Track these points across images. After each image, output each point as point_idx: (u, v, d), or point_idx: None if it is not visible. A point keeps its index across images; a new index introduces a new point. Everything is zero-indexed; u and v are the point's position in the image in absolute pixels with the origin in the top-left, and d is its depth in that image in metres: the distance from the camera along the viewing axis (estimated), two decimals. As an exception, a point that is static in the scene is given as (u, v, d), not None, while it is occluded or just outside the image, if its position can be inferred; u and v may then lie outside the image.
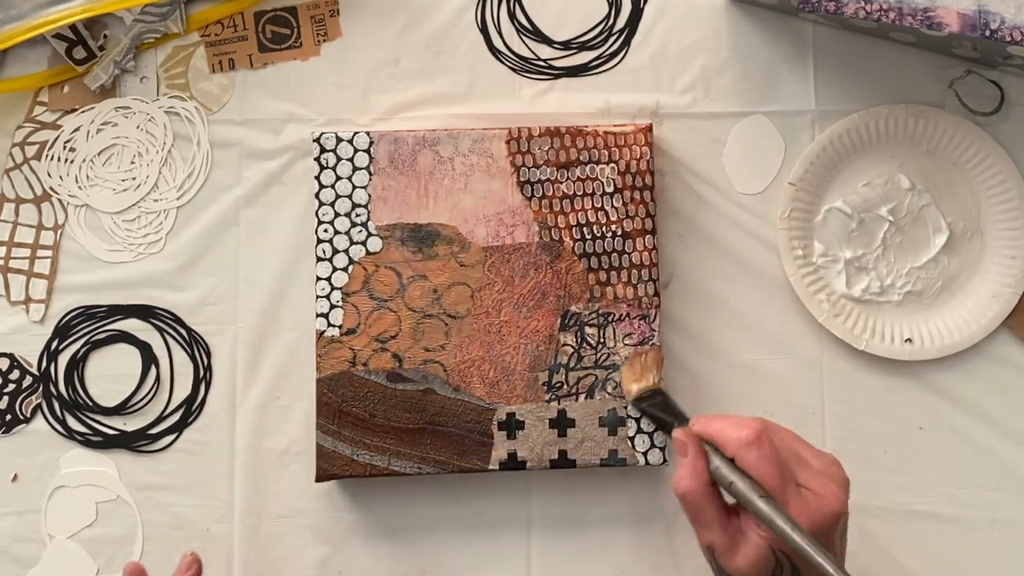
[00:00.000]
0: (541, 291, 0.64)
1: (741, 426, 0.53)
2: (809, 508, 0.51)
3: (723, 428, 0.54)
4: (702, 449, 0.54)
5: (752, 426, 0.53)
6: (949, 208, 0.68)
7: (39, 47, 0.68)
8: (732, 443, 0.53)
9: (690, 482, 0.53)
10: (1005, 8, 0.57)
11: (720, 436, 0.54)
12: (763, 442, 0.52)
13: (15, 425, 0.66)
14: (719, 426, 0.54)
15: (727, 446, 0.53)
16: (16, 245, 0.68)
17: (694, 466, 0.54)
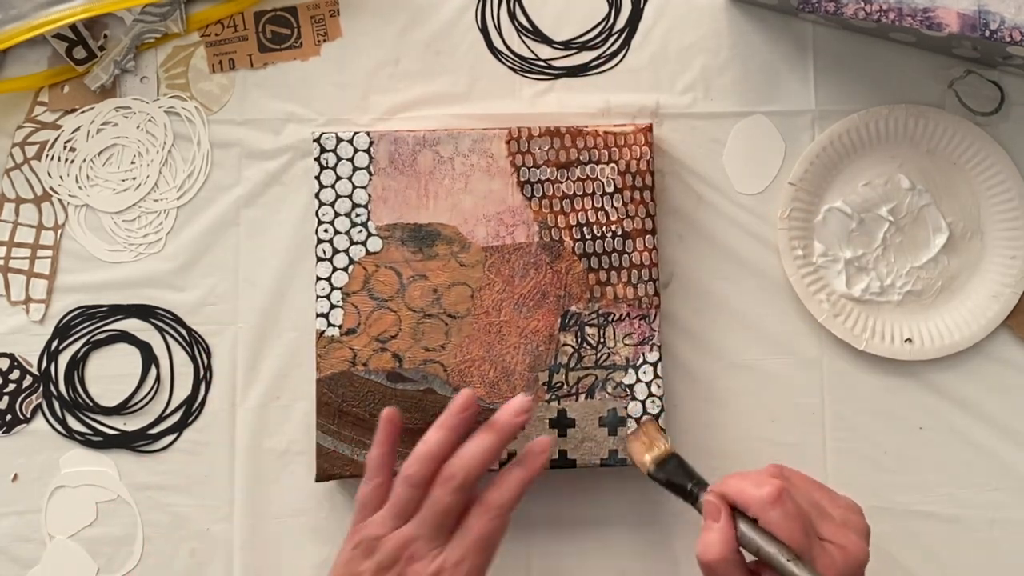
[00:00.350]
0: (541, 291, 0.64)
1: (761, 483, 0.52)
2: (835, 563, 0.51)
3: (743, 487, 0.53)
4: (732, 514, 0.53)
5: (772, 483, 0.52)
6: (949, 208, 0.68)
7: (39, 47, 0.68)
8: (755, 503, 0.52)
9: (720, 549, 0.52)
10: (1005, 8, 0.57)
11: (741, 496, 0.53)
12: (785, 499, 0.52)
13: (15, 425, 0.66)
14: (738, 486, 0.53)
15: (749, 506, 0.52)
16: (16, 245, 0.68)
17: (724, 532, 0.52)
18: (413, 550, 0.54)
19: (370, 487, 0.57)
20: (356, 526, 0.56)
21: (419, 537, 0.54)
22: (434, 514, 0.55)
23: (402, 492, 0.55)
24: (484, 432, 0.56)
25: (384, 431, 0.57)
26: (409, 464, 0.55)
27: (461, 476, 0.55)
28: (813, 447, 0.66)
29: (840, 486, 0.66)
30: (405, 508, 0.55)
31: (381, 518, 0.55)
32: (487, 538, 0.55)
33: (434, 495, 0.55)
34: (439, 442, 0.56)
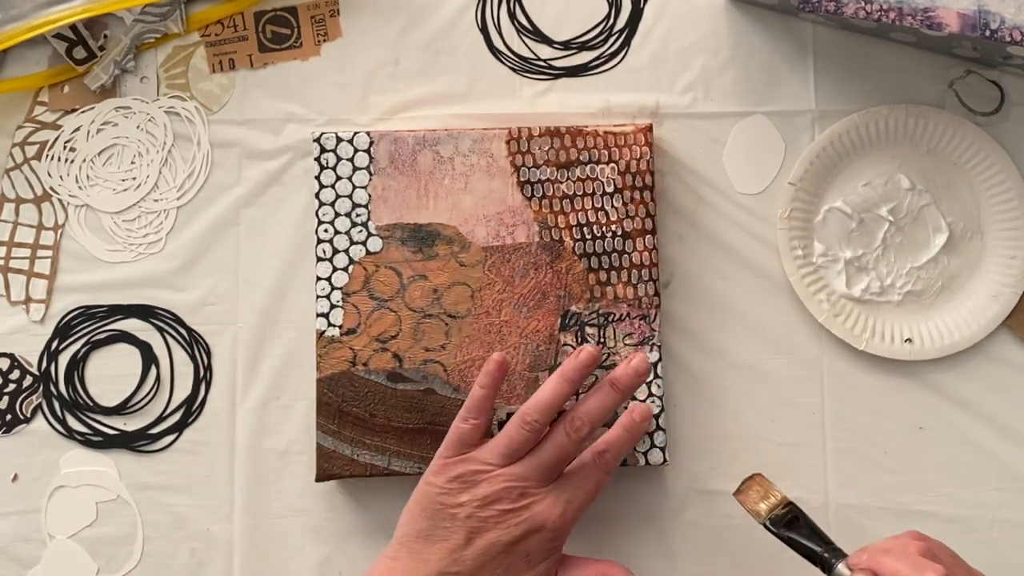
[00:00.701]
0: (541, 291, 0.64)
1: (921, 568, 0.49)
2: None
3: (898, 569, 0.50)
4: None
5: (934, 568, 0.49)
6: (949, 208, 0.68)
7: (39, 47, 0.68)
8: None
9: None
10: (1005, 8, 0.57)
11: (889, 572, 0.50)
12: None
13: (15, 425, 0.66)
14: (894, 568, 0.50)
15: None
16: (16, 245, 0.68)
17: None
18: (523, 488, 0.56)
19: (470, 425, 0.58)
20: (449, 461, 0.57)
21: (530, 477, 0.56)
22: (552, 458, 0.57)
23: (517, 435, 0.57)
24: (607, 389, 0.59)
25: (491, 374, 0.58)
26: (529, 410, 0.57)
27: (587, 428, 0.57)
28: (813, 447, 0.66)
29: (840, 486, 0.66)
30: (518, 450, 0.57)
31: (487, 455, 0.57)
32: (598, 489, 0.58)
33: (557, 441, 0.57)
34: (561, 392, 0.58)
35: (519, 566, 0.56)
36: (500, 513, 0.55)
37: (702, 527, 0.66)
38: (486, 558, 0.55)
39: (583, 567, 0.58)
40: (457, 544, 0.55)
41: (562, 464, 0.58)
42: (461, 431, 0.58)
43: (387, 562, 0.56)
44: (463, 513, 0.55)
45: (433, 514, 0.56)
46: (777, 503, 0.57)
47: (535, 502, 0.56)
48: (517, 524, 0.55)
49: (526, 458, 0.57)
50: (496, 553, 0.55)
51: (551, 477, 0.57)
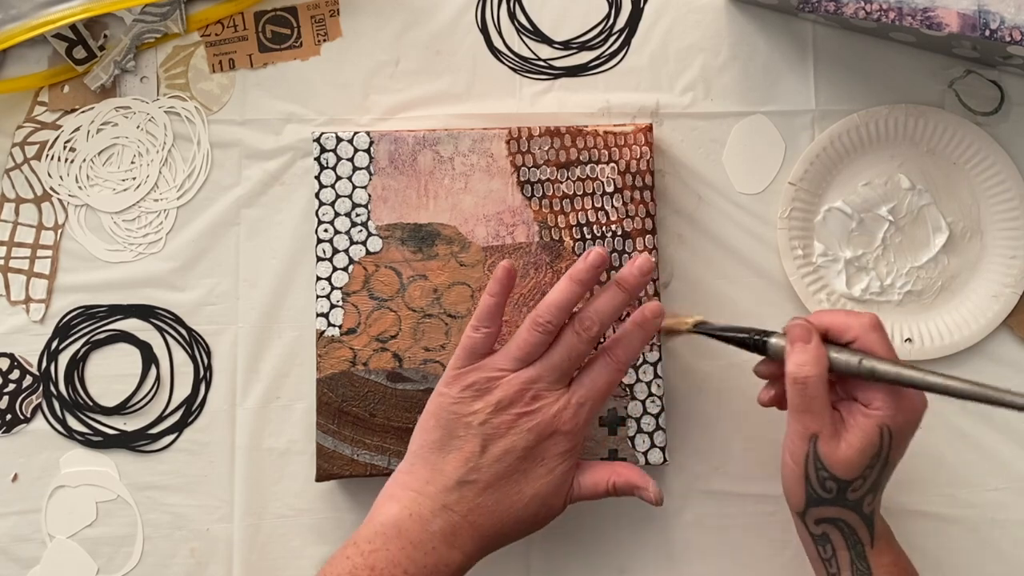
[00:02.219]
0: (541, 291, 0.64)
1: (857, 314, 0.56)
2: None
3: (838, 316, 0.56)
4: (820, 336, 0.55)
5: (868, 313, 0.56)
6: (949, 208, 0.68)
7: (39, 47, 0.68)
8: (855, 327, 0.55)
9: (814, 367, 0.54)
10: (1005, 8, 0.57)
11: (837, 321, 0.55)
12: (882, 326, 0.55)
13: (15, 425, 0.66)
14: (831, 316, 0.56)
15: (849, 330, 0.55)
16: (16, 245, 0.68)
17: (818, 351, 0.54)
18: (537, 390, 0.56)
19: (481, 334, 0.57)
20: (461, 370, 0.57)
21: (542, 379, 0.56)
22: (564, 359, 0.57)
23: (530, 337, 0.57)
24: (614, 288, 0.58)
25: (500, 282, 0.58)
26: (541, 312, 0.57)
27: (597, 327, 0.57)
28: (813, 447, 0.66)
29: (840, 486, 0.66)
30: (531, 353, 0.57)
31: (499, 361, 0.57)
32: (610, 387, 0.58)
33: (568, 341, 0.57)
34: (572, 293, 0.57)
35: (536, 471, 0.56)
36: (515, 417, 0.55)
37: (702, 527, 0.66)
38: (503, 464, 0.55)
39: (597, 469, 0.58)
40: (473, 451, 0.55)
41: (574, 364, 0.57)
42: (473, 340, 0.57)
43: (402, 477, 0.56)
44: (477, 420, 0.55)
45: (447, 423, 0.56)
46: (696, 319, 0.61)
47: (548, 404, 0.56)
48: (531, 428, 0.55)
49: (538, 361, 0.57)
50: (513, 459, 0.55)
51: (564, 379, 0.57)
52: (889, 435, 0.54)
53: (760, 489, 0.66)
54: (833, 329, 0.56)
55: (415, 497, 0.55)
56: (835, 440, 0.54)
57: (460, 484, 0.55)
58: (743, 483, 0.66)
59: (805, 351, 0.54)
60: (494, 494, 0.55)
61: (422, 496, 0.55)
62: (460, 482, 0.55)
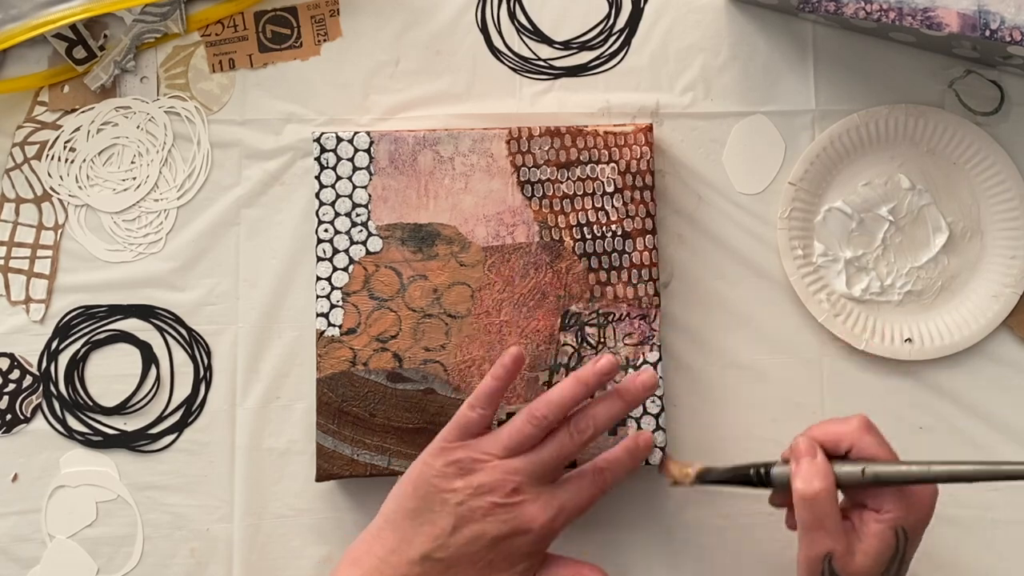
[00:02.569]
0: (541, 291, 0.64)
1: (846, 420, 0.55)
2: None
3: (828, 427, 0.55)
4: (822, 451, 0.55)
5: (857, 416, 0.55)
6: (949, 208, 0.68)
7: (39, 47, 0.68)
8: (848, 434, 0.54)
9: (821, 480, 0.53)
10: (1005, 8, 0.57)
11: (830, 434, 0.55)
12: (873, 426, 0.55)
13: (15, 425, 0.66)
14: (822, 428, 0.56)
15: (842, 439, 0.54)
16: (16, 245, 0.68)
17: (823, 465, 0.54)
18: (519, 483, 0.55)
19: (477, 414, 0.57)
20: (450, 445, 0.57)
21: (527, 473, 0.56)
22: (553, 458, 0.56)
23: (524, 428, 0.56)
24: (614, 398, 0.58)
25: (506, 367, 0.58)
26: (539, 407, 0.57)
27: (590, 432, 0.57)
28: (813, 447, 0.66)
29: (840, 486, 0.66)
30: (522, 444, 0.56)
31: (489, 445, 0.56)
32: (591, 503, 0.57)
33: (560, 441, 0.57)
34: (574, 394, 0.57)
35: (499, 564, 0.55)
36: (492, 505, 0.55)
37: (702, 527, 0.66)
38: (470, 549, 0.55)
39: (560, 566, 0.58)
40: (444, 529, 0.55)
41: (560, 465, 0.57)
42: (467, 418, 0.57)
43: (369, 540, 0.56)
44: (455, 499, 0.55)
45: (425, 495, 0.56)
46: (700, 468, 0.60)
47: (527, 501, 0.55)
48: (506, 520, 0.55)
49: (527, 454, 0.56)
50: (481, 546, 0.55)
51: (548, 478, 0.57)
52: (904, 535, 0.53)
53: (760, 489, 0.66)
54: (827, 443, 0.55)
55: (378, 565, 0.55)
56: (850, 554, 0.53)
57: (424, 559, 0.54)
58: (743, 483, 0.66)
59: (811, 465, 0.54)
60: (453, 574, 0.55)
61: (385, 565, 0.55)
62: (425, 557, 0.54)
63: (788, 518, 0.59)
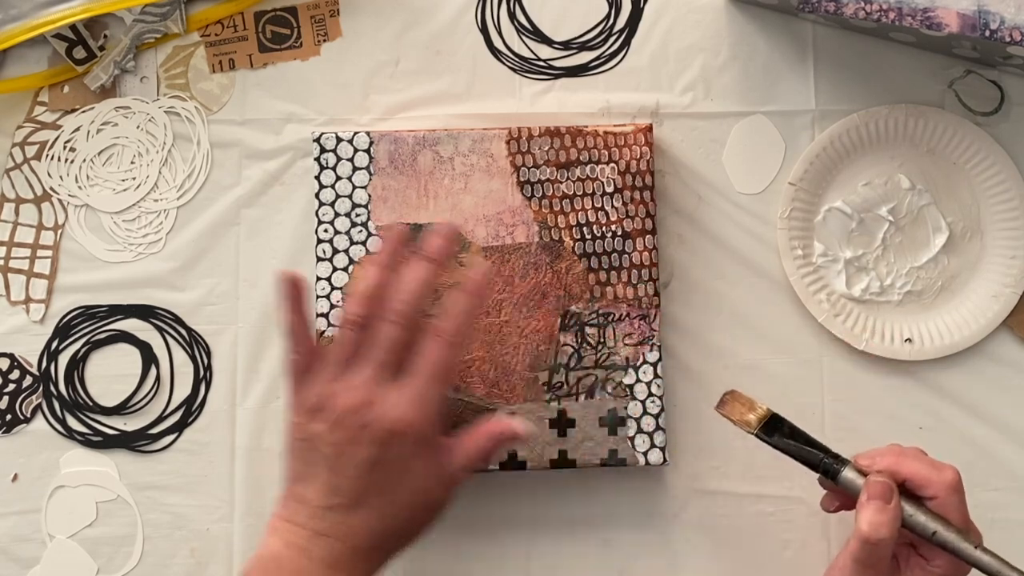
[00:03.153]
0: (541, 291, 0.64)
1: (940, 468, 0.54)
2: None
3: (919, 469, 0.54)
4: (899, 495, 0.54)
5: (952, 470, 0.54)
6: (949, 208, 0.68)
7: (39, 47, 0.68)
8: (936, 485, 0.53)
9: (889, 529, 0.52)
10: (1005, 8, 0.57)
11: (919, 476, 0.54)
12: (962, 487, 0.53)
13: (15, 425, 0.66)
14: (913, 467, 0.54)
15: (928, 486, 0.53)
16: (16, 245, 0.68)
17: (895, 513, 0.53)
18: (367, 394, 0.53)
19: (298, 355, 0.55)
20: (297, 395, 0.54)
21: (370, 379, 0.53)
22: (385, 350, 0.53)
23: (343, 337, 0.54)
24: (417, 263, 0.55)
25: (291, 297, 0.55)
26: (351, 308, 0.54)
27: (405, 306, 0.54)
28: (813, 447, 0.66)
29: (840, 486, 0.66)
30: (349, 350, 0.54)
31: (326, 373, 0.54)
32: (445, 366, 0.54)
33: (382, 332, 0.54)
34: (378, 281, 0.55)
35: (399, 479, 0.52)
36: (354, 431, 0.52)
37: (702, 527, 0.66)
38: (359, 481, 0.52)
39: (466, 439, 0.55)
40: (327, 476, 0.52)
41: (398, 353, 0.54)
42: (294, 363, 0.55)
43: (279, 508, 0.54)
44: (321, 443, 0.52)
45: (299, 452, 0.53)
46: (764, 414, 0.57)
47: (383, 406, 0.52)
48: (373, 439, 0.52)
49: (361, 362, 0.53)
50: (366, 474, 0.52)
51: (391, 371, 0.53)
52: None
53: (760, 489, 0.66)
54: (913, 480, 0.54)
55: (290, 528, 0.53)
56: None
57: (326, 510, 0.52)
58: (743, 483, 0.66)
59: (883, 512, 0.53)
60: (364, 513, 0.52)
61: (295, 526, 0.52)
62: (325, 508, 0.52)
63: (827, 501, 0.59)
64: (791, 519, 0.66)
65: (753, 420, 0.57)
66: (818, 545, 0.66)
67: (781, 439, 0.57)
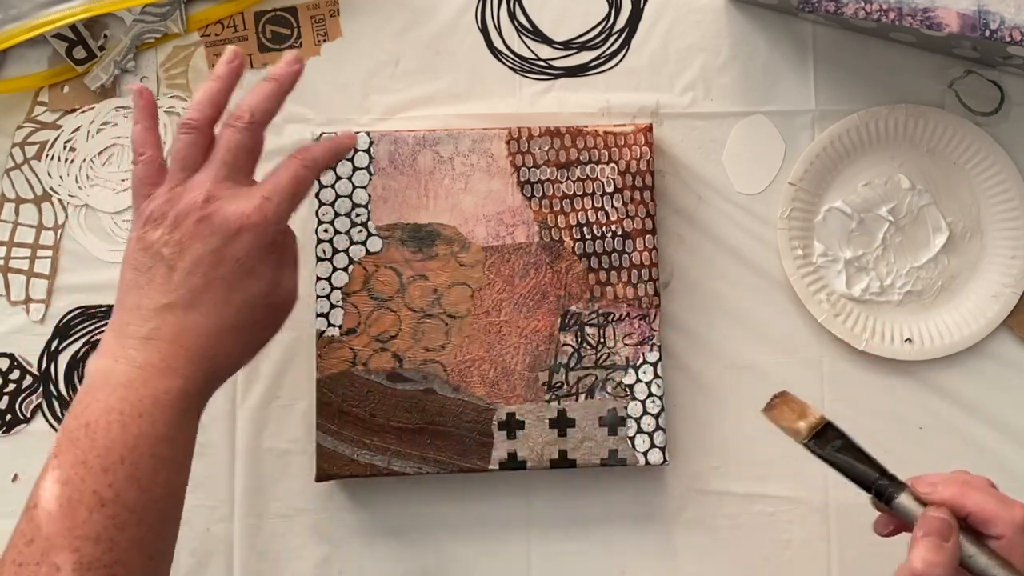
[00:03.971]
0: (541, 291, 0.64)
1: (1009, 504, 0.49)
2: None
3: (985, 503, 0.49)
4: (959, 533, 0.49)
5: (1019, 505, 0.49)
6: (949, 208, 0.68)
7: (39, 47, 0.68)
8: (1004, 523, 0.48)
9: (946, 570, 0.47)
10: (1005, 8, 0.57)
11: (983, 512, 0.49)
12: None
13: (15, 425, 0.66)
14: (980, 501, 0.49)
15: (997, 523, 0.48)
16: (16, 245, 0.68)
17: (954, 553, 0.48)
18: (208, 192, 0.52)
19: (141, 164, 0.54)
20: (138, 208, 0.53)
21: (213, 177, 0.52)
22: (226, 152, 0.53)
23: (184, 140, 0.53)
24: (263, 81, 0.55)
25: (139, 108, 0.55)
26: (187, 113, 0.54)
27: (248, 115, 0.54)
28: (813, 447, 0.66)
29: (840, 486, 0.66)
30: (188, 157, 0.53)
31: (166, 181, 0.53)
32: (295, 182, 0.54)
33: (225, 136, 0.54)
34: (213, 90, 0.55)
35: (238, 275, 0.51)
36: (193, 226, 0.51)
37: (702, 527, 0.66)
38: (196, 277, 0.50)
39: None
40: (164, 274, 0.51)
41: (240, 158, 0.53)
42: (136, 172, 0.54)
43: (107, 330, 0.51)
44: (161, 244, 0.51)
45: (138, 262, 0.51)
46: (816, 422, 0.52)
47: (226, 201, 0.52)
48: (213, 232, 0.51)
49: (206, 164, 0.53)
50: (205, 268, 0.51)
51: (236, 174, 0.53)
52: None
53: (760, 489, 0.66)
54: (978, 516, 0.49)
55: (119, 340, 0.50)
56: None
57: (159, 311, 0.50)
58: (743, 483, 0.66)
59: (939, 551, 0.48)
60: (198, 311, 0.50)
61: (124, 337, 0.50)
62: (158, 309, 0.50)
63: (879, 525, 0.54)
64: (791, 519, 0.66)
65: (803, 428, 0.52)
66: (818, 545, 0.66)
67: (832, 452, 0.52)
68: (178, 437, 0.49)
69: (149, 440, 0.48)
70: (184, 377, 0.50)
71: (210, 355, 0.51)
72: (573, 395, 0.63)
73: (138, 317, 0.50)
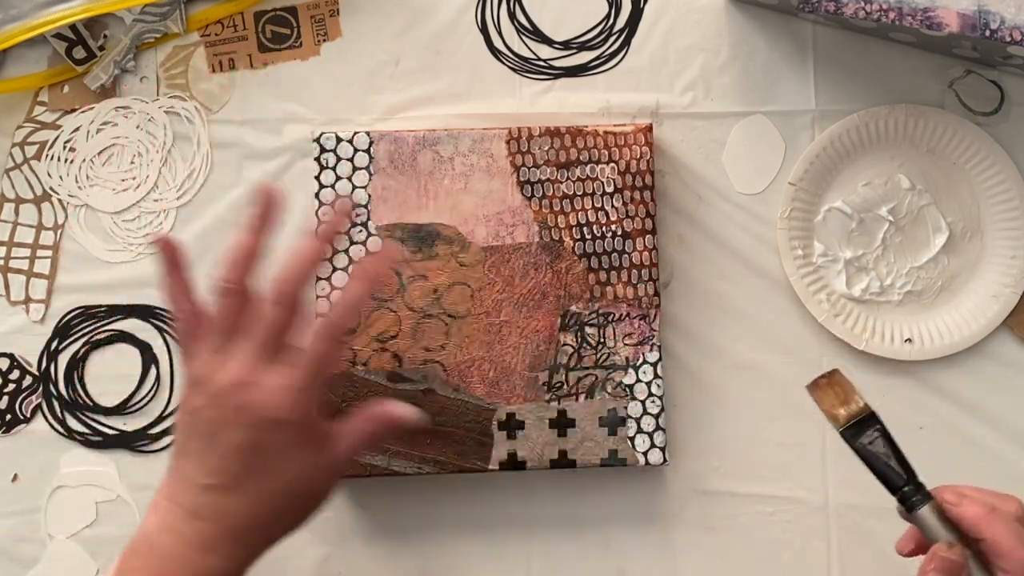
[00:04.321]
0: (541, 291, 0.64)
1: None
2: None
3: (1004, 537, 0.47)
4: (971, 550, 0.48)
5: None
6: (949, 208, 0.68)
7: (39, 47, 0.68)
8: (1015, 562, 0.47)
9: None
10: (1005, 8, 0.57)
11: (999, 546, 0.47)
12: None
13: (15, 425, 0.66)
14: (1000, 533, 0.48)
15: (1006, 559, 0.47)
16: (16, 245, 0.68)
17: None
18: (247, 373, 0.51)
19: (180, 322, 0.54)
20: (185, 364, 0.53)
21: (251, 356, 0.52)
22: (266, 329, 0.52)
23: (223, 305, 0.53)
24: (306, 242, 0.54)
25: (167, 261, 0.54)
26: (224, 273, 0.53)
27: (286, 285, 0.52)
28: (813, 447, 0.66)
29: (840, 486, 0.66)
30: (227, 320, 0.53)
31: (209, 342, 0.52)
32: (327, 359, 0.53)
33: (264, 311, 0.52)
34: (246, 244, 0.53)
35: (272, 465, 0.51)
36: (232, 412, 0.51)
37: (702, 527, 0.66)
38: (236, 464, 0.50)
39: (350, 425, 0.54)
40: (204, 454, 0.51)
41: (277, 335, 0.52)
42: (177, 329, 0.54)
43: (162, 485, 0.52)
44: (200, 419, 0.51)
45: (184, 426, 0.52)
46: (858, 411, 0.50)
47: (261, 391, 0.51)
48: (250, 423, 0.50)
49: (241, 337, 0.52)
50: (243, 456, 0.50)
51: (271, 353, 0.52)
52: None
53: (760, 489, 0.66)
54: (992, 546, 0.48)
55: (168, 507, 0.51)
56: None
57: (204, 489, 0.51)
58: (743, 483, 0.66)
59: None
60: (240, 496, 0.51)
61: (174, 505, 0.51)
62: (203, 487, 0.51)
63: (902, 543, 0.52)
64: (791, 519, 0.66)
65: (842, 416, 0.50)
66: (818, 545, 0.66)
67: (864, 447, 0.50)
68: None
69: None
70: (228, 557, 0.51)
71: (252, 536, 0.52)
72: (573, 395, 0.63)
73: (186, 489, 0.51)
